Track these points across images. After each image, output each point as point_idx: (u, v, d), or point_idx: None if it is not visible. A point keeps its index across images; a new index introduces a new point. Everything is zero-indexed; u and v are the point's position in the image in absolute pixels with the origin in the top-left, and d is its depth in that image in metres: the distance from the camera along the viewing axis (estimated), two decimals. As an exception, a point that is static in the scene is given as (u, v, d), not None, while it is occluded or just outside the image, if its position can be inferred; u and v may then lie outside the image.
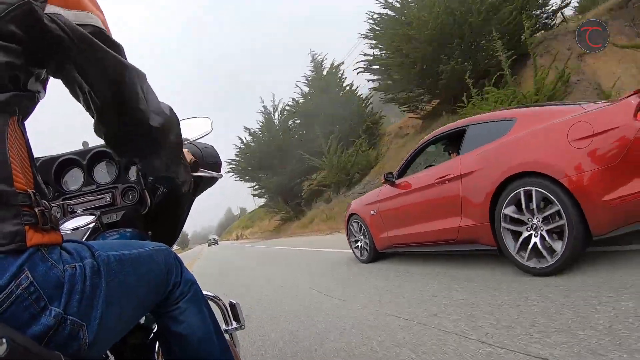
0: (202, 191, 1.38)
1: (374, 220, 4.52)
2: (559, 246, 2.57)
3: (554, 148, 2.62)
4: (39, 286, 0.58)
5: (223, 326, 1.26)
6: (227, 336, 1.27)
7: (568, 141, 2.57)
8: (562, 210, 2.51)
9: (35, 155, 0.70)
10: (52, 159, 1.35)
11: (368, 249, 4.79)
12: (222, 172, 1.36)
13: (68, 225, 1.07)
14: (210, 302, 1.09)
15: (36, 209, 0.60)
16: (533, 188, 2.64)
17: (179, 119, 0.88)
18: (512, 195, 2.75)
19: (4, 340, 0.50)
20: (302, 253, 9.03)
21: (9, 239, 0.56)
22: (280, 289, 4.53)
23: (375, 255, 4.71)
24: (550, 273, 2.62)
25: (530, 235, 2.72)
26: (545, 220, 2.65)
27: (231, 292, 4.83)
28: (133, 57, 0.74)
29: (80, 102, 0.72)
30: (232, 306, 1.37)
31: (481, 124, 3.33)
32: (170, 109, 0.83)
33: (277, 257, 9.83)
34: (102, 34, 0.68)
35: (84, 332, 0.63)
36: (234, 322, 1.36)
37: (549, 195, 2.56)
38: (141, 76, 0.74)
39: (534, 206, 2.66)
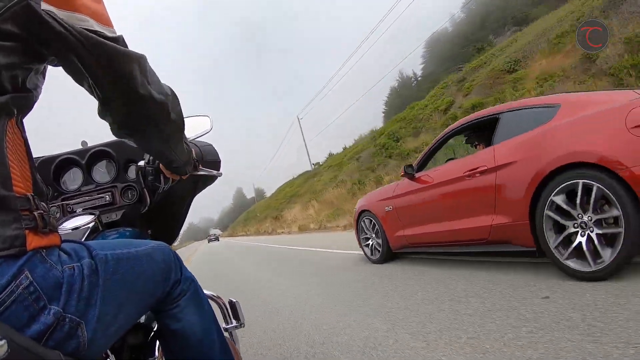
0: (201, 190, 1.38)
1: (389, 217, 4.15)
2: (607, 254, 2.24)
3: (611, 136, 2.28)
4: (38, 286, 0.58)
5: (223, 325, 1.27)
6: (227, 334, 1.25)
7: (627, 128, 2.24)
8: (619, 208, 2.18)
9: (34, 154, 0.70)
10: (51, 159, 1.34)
11: (380, 248, 4.42)
12: (221, 170, 1.33)
13: (67, 225, 1.06)
14: (210, 300, 1.07)
15: (35, 213, 0.61)
16: (586, 181, 2.30)
17: (179, 101, 0.86)
18: (563, 185, 2.39)
19: (4, 341, 0.51)
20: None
21: (9, 243, 0.56)
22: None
23: (389, 255, 4.34)
24: (591, 279, 2.30)
25: (577, 232, 2.40)
26: (598, 221, 2.32)
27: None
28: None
29: (84, 87, 0.70)
30: (232, 305, 1.35)
31: (518, 110, 2.98)
32: (171, 89, 0.81)
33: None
34: (97, 33, 0.65)
35: (83, 330, 0.63)
36: (233, 321, 1.34)
37: (608, 192, 2.22)
38: (140, 60, 0.71)
39: (587, 203, 2.32)
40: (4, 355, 0.50)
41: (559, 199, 2.42)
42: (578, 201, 2.34)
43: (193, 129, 1.27)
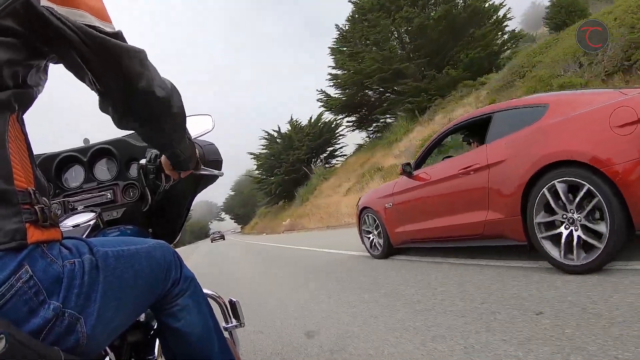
0: (202, 189, 1.38)
1: (389, 213, 4.30)
2: (597, 243, 2.36)
3: (595, 135, 2.40)
4: (38, 280, 0.59)
5: (223, 324, 1.28)
6: (226, 334, 1.25)
7: (610, 127, 2.35)
8: (603, 203, 2.30)
9: (36, 152, 0.72)
10: (53, 156, 1.34)
11: (382, 244, 4.58)
12: (223, 170, 1.34)
13: (68, 222, 1.07)
14: (210, 300, 1.08)
15: (36, 207, 0.62)
16: (572, 179, 2.42)
17: (180, 96, 0.86)
18: (547, 186, 2.53)
19: (2, 336, 0.50)
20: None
21: (10, 237, 0.57)
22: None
23: (390, 250, 4.50)
24: (586, 271, 2.42)
25: (565, 228, 2.52)
26: (584, 213, 2.44)
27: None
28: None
29: (85, 83, 0.71)
30: (232, 304, 1.36)
31: (509, 110, 3.11)
32: (171, 84, 0.82)
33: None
34: (96, 28, 0.66)
35: (82, 326, 0.64)
36: (233, 320, 1.36)
37: (590, 186, 2.34)
38: (140, 55, 0.72)
39: (573, 199, 2.44)
40: (2, 351, 0.50)
41: (548, 196, 2.54)
42: (564, 198, 2.46)
43: (195, 128, 1.26)
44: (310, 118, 33.47)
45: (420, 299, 2.71)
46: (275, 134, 35.43)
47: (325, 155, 34.31)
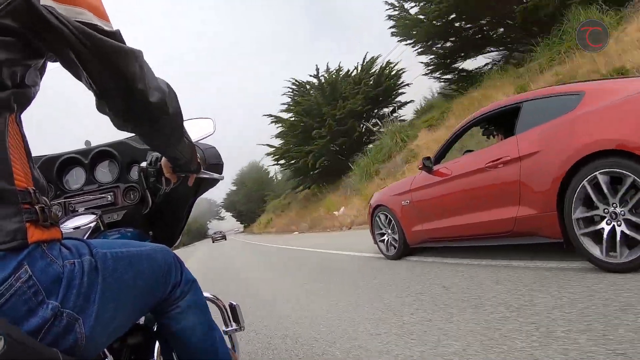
0: (203, 193, 1.38)
1: (405, 211, 4.09)
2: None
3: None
4: (37, 280, 0.59)
5: (222, 327, 1.26)
6: (226, 337, 1.23)
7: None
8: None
9: (38, 153, 0.75)
10: (55, 158, 1.35)
11: (397, 243, 4.36)
12: (224, 173, 1.33)
13: (69, 224, 1.07)
14: (210, 303, 1.07)
15: (36, 206, 0.62)
16: (617, 170, 2.23)
17: (177, 96, 0.84)
18: (588, 178, 2.34)
19: (1, 337, 0.50)
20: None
21: (11, 237, 0.57)
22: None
23: (406, 250, 4.29)
24: (630, 269, 2.23)
25: (607, 223, 2.32)
26: (628, 207, 2.24)
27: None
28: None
29: (82, 82, 0.70)
30: (232, 307, 1.35)
31: (540, 99, 2.93)
32: (168, 85, 0.80)
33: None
34: (95, 27, 0.65)
35: (80, 326, 0.63)
36: (233, 324, 1.35)
37: (636, 178, 2.16)
38: (138, 55, 0.71)
39: (616, 191, 2.25)
40: (1, 351, 0.50)
41: (588, 189, 2.35)
42: (606, 191, 2.27)
43: (196, 131, 1.26)
44: (364, 58, 22.30)
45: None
46: (308, 85, 23.87)
47: (391, 109, 22.12)
